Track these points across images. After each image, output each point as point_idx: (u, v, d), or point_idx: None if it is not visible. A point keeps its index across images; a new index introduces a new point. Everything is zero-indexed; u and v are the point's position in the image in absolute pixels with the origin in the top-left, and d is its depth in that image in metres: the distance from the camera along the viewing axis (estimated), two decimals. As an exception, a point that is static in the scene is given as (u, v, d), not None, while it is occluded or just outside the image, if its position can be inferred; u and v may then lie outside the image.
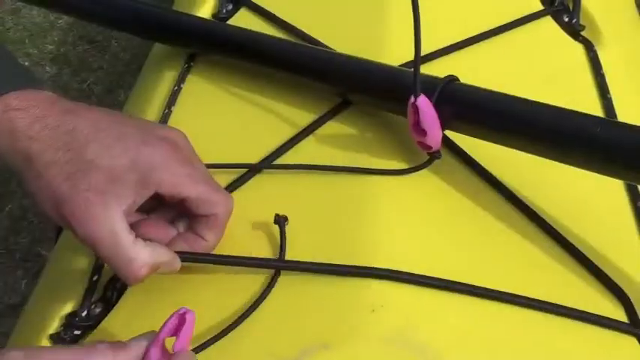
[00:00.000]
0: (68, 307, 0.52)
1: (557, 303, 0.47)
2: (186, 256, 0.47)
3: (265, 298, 0.47)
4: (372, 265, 0.47)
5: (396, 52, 0.61)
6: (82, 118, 0.46)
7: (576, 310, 0.47)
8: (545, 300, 0.48)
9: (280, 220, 0.50)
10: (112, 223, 0.43)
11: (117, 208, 0.44)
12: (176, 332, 0.40)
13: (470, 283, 0.47)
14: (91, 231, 0.43)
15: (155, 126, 0.48)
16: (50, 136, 0.44)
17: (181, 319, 0.40)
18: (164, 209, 0.49)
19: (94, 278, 0.52)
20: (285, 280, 0.47)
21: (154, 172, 0.45)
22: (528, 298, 0.47)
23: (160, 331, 0.40)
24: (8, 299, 1.39)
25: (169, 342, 0.40)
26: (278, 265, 0.48)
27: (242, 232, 0.51)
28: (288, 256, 0.49)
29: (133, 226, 0.46)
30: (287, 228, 0.50)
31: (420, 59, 0.51)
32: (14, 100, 0.45)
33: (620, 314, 0.49)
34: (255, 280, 0.48)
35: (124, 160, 0.44)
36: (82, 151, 0.44)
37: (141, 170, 0.44)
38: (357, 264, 0.47)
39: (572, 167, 0.49)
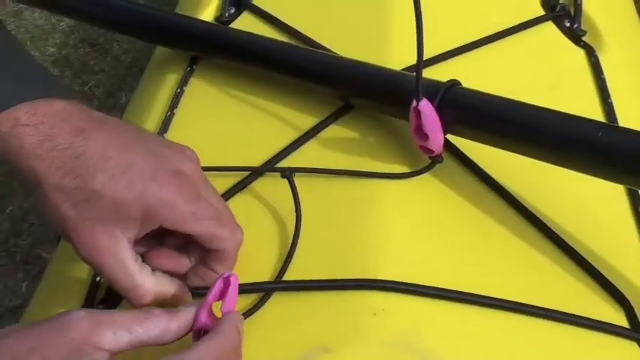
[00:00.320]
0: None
1: (558, 309, 0.48)
2: (198, 292, 0.47)
3: (266, 301, 0.47)
4: (374, 270, 0.47)
5: (398, 56, 0.61)
6: (91, 142, 0.45)
7: (577, 315, 0.48)
8: (546, 305, 0.48)
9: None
10: (118, 252, 0.44)
11: (122, 238, 0.44)
12: (221, 296, 0.43)
13: (470, 287, 0.47)
14: (97, 257, 0.44)
15: (165, 154, 0.47)
16: (58, 158, 0.44)
17: (226, 282, 0.43)
18: (176, 235, 0.48)
19: (97, 279, 0.52)
20: (287, 292, 0.47)
21: (159, 210, 0.45)
22: (529, 305, 0.47)
23: (207, 295, 0.42)
24: (9, 302, 1.38)
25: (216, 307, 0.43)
26: (275, 288, 0.48)
27: (245, 235, 0.51)
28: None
29: (145, 256, 0.47)
30: (287, 231, 0.50)
31: (422, 63, 0.51)
32: (24, 114, 0.44)
33: (621, 319, 0.49)
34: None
35: (131, 194, 0.44)
36: (89, 180, 0.44)
37: (146, 206, 0.44)
38: (358, 269, 0.47)
39: (573, 172, 0.49)
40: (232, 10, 0.74)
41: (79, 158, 0.44)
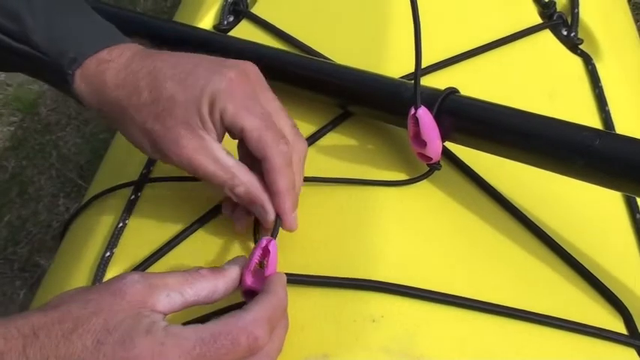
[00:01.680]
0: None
1: (556, 315, 0.48)
2: None
3: None
4: (373, 276, 0.47)
5: (396, 64, 0.62)
6: (159, 60, 0.50)
7: (575, 322, 0.48)
8: (545, 312, 0.48)
9: None
10: (208, 148, 0.48)
11: (208, 137, 0.48)
12: (262, 260, 0.45)
13: (468, 294, 0.47)
14: (191, 158, 0.48)
15: (228, 61, 0.51)
16: (134, 80, 0.49)
17: (265, 249, 0.45)
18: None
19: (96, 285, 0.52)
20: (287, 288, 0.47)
21: (219, 100, 0.48)
22: (527, 312, 0.47)
23: (250, 258, 0.45)
24: (6, 310, 1.38)
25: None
26: None
27: (245, 241, 0.52)
28: (288, 266, 0.49)
29: None
30: (287, 238, 0.50)
31: (420, 71, 0.51)
32: (106, 54, 0.51)
33: (619, 326, 0.49)
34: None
35: (196, 91, 0.48)
36: (162, 89, 0.49)
37: (210, 97, 0.48)
38: (357, 275, 0.47)
39: (571, 179, 0.49)
40: (231, 19, 0.74)
41: (151, 73, 0.49)
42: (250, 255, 0.45)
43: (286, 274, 0.46)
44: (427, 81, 0.54)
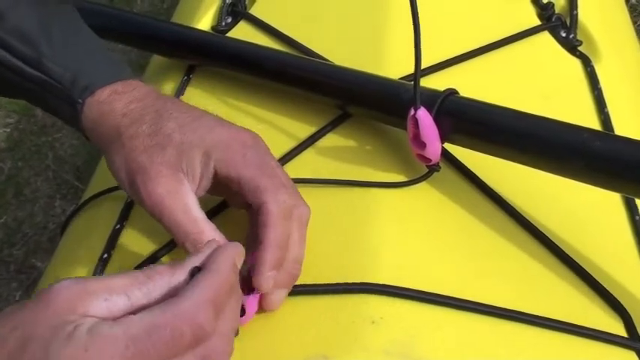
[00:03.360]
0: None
1: (556, 317, 0.47)
2: None
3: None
4: (372, 278, 0.47)
5: (395, 66, 0.61)
6: (170, 101, 0.51)
7: (575, 324, 0.47)
8: (544, 314, 0.47)
9: None
10: (182, 195, 0.46)
11: (187, 184, 0.47)
12: None
13: (467, 296, 0.47)
14: (162, 201, 0.46)
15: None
16: (141, 112, 0.49)
17: None
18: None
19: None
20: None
21: (216, 150, 0.47)
22: (527, 314, 0.47)
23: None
24: (2, 312, 1.38)
25: None
26: None
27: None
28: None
29: None
30: None
31: (420, 72, 0.51)
32: (120, 86, 0.51)
33: (619, 328, 0.49)
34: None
35: (195, 137, 0.47)
36: (163, 127, 0.48)
37: (206, 146, 0.47)
38: (355, 276, 0.47)
39: (570, 180, 0.49)
40: (229, 20, 0.74)
41: (158, 112, 0.49)
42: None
43: None
44: (426, 82, 0.54)
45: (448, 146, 0.55)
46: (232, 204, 0.52)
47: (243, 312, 0.43)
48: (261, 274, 0.44)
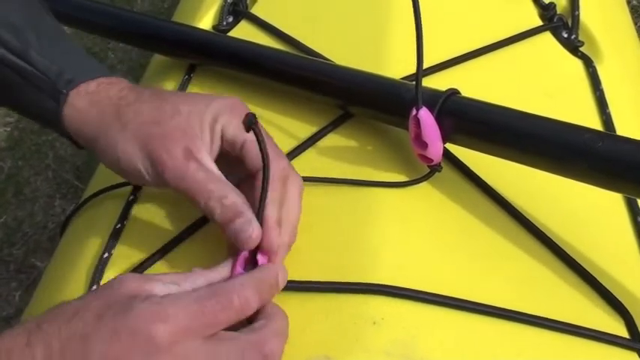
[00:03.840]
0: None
1: (558, 318, 0.47)
2: None
3: None
4: (373, 278, 0.47)
5: (397, 65, 0.61)
6: (162, 89, 0.53)
7: (577, 325, 0.47)
8: (546, 314, 0.47)
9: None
10: (203, 156, 0.47)
11: (202, 146, 0.48)
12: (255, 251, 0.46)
13: (469, 297, 0.47)
14: (183, 163, 0.47)
15: None
16: (136, 95, 0.50)
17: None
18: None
19: (93, 288, 0.52)
20: (287, 292, 0.47)
21: (222, 114, 0.49)
22: (528, 314, 0.47)
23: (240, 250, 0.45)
24: (2, 311, 1.38)
25: None
26: None
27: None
28: (288, 268, 0.48)
29: None
30: None
31: (422, 72, 0.51)
32: (106, 79, 0.52)
33: (620, 329, 0.49)
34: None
35: (199, 105, 0.49)
36: (165, 102, 0.49)
37: (212, 112, 0.49)
38: (357, 277, 0.47)
39: (572, 181, 0.49)
40: (230, 19, 0.74)
41: (155, 93, 0.51)
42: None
43: (288, 280, 0.46)
44: (428, 82, 0.54)
45: (450, 146, 0.55)
46: (230, 175, 0.51)
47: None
48: (268, 231, 0.46)
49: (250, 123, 0.45)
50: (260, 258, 0.45)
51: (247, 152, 0.48)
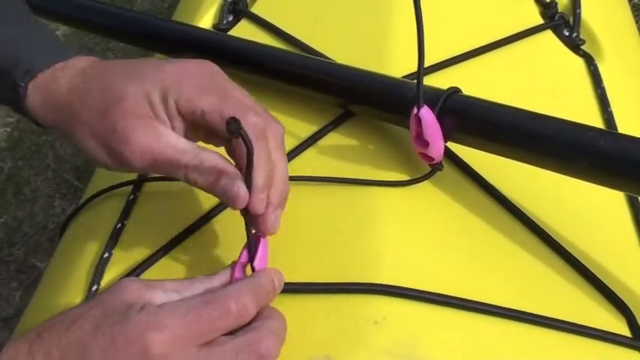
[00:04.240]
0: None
1: (560, 317, 0.47)
2: None
3: None
4: (374, 278, 0.47)
5: (398, 64, 0.61)
6: (113, 64, 0.49)
7: (579, 324, 0.47)
8: (548, 314, 0.47)
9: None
10: (166, 135, 0.46)
11: (160, 125, 0.46)
12: (253, 256, 0.45)
13: (471, 296, 0.47)
14: (148, 148, 0.45)
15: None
16: (88, 82, 0.48)
17: (254, 245, 0.45)
18: None
19: (93, 289, 0.52)
20: (288, 294, 0.47)
21: (171, 89, 0.46)
22: (530, 313, 0.47)
23: (239, 256, 0.45)
24: (2, 311, 1.38)
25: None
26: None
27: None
28: (289, 268, 0.48)
29: None
30: (288, 241, 0.50)
31: (423, 70, 0.51)
32: (61, 64, 0.50)
33: (622, 328, 0.49)
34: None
35: (146, 83, 0.46)
36: (112, 85, 0.47)
37: (161, 87, 0.46)
38: (358, 276, 0.47)
39: (574, 179, 0.49)
40: (230, 18, 0.74)
41: (103, 75, 0.48)
42: (241, 251, 0.45)
43: (288, 282, 0.46)
44: (429, 81, 0.54)
45: (451, 145, 0.55)
46: (216, 144, 0.50)
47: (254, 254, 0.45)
48: (254, 197, 0.44)
49: (234, 129, 0.41)
50: (257, 263, 0.45)
51: (210, 122, 0.46)
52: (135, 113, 0.45)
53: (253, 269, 0.45)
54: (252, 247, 0.45)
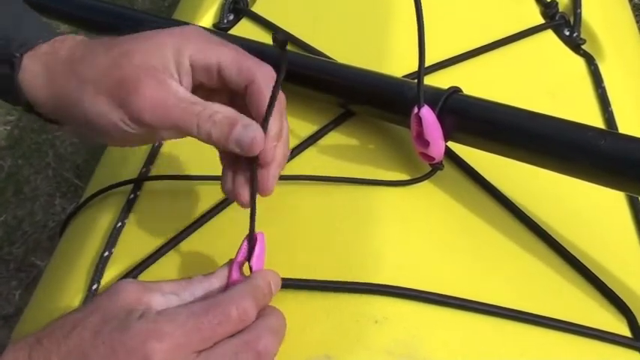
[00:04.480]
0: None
1: (560, 317, 0.47)
2: None
3: None
4: (375, 278, 0.47)
5: (398, 64, 0.61)
6: (117, 36, 0.48)
7: (579, 324, 0.47)
8: (548, 314, 0.47)
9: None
10: (175, 89, 0.45)
11: (169, 79, 0.45)
12: (250, 255, 0.45)
13: (471, 296, 0.47)
14: (160, 101, 0.44)
15: None
16: (92, 48, 0.47)
17: (251, 244, 0.45)
18: None
19: (93, 287, 0.52)
20: (289, 291, 0.47)
21: (187, 43, 0.45)
22: (530, 314, 0.47)
23: (236, 255, 0.45)
24: (2, 310, 1.38)
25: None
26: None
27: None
28: (290, 267, 0.48)
29: None
30: (288, 241, 0.50)
31: (423, 70, 0.51)
32: (60, 38, 0.49)
33: (623, 328, 0.49)
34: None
35: (159, 39, 0.46)
36: (120, 45, 0.46)
37: (174, 43, 0.45)
38: (358, 276, 0.47)
39: (574, 179, 0.49)
40: (231, 17, 0.74)
41: (109, 41, 0.47)
42: (238, 250, 0.45)
43: (289, 278, 0.46)
44: (430, 80, 0.54)
45: (452, 145, 0.55)
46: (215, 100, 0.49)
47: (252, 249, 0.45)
48: (268, 143, 0.44)
49: (280, 39, 0.41)
50: (255, 262, 0.45)
51: (227, 74, 0.45)
52: (145, 65, 0.44)
53: (251, 268, 0.45)
54: (250, 245, 0.45)
